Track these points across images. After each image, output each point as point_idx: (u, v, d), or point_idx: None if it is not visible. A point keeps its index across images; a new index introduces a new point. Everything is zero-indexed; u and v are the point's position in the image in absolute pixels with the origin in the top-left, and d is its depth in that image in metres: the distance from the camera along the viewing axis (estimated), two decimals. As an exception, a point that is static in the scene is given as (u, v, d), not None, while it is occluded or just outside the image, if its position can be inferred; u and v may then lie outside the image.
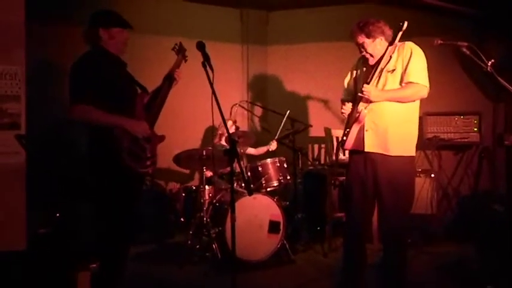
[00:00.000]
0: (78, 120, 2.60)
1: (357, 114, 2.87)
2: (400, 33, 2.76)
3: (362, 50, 2.92)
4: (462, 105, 4.84)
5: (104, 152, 2.60)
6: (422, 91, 2.82)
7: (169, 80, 2.93)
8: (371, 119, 2.88)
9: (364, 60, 3.02)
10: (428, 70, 2.86)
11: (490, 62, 2.52)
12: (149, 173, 2.82)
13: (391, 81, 2.86)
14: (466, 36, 2.92)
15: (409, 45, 2.86)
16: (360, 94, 2.83)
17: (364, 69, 3.02)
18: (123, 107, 2.66)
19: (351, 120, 2.92)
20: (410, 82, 2.80)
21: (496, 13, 4.49)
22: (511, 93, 2.49)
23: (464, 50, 2.59)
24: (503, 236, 3.69)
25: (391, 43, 2.81)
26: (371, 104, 2.85)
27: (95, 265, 2.40)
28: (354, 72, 3.14)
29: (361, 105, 2.86)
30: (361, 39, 2.87)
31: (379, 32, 2.85)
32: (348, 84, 3.18)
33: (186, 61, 3.07)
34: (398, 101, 2.84)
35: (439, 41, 2.72)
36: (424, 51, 2.86)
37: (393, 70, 2.85)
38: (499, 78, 2.50)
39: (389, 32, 2.87)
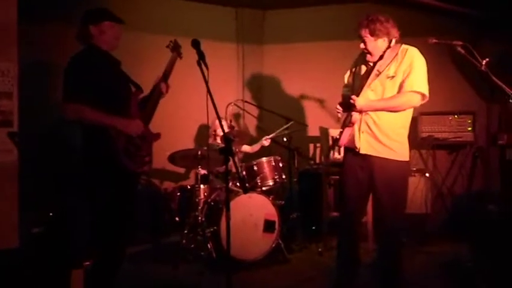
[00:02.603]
0: (72, 118, 2.58)
1: (349, 117, 2.87)
2: None
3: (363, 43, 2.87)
4: (456, 105, 4.85)
5: (100, 152, 2.59)
6: (414, 100, 2.78)
7: (165, 79, 2.91)
8: (366, 122, 2.87)
9: (364, 56, 2.96)
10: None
11: (484, 61, 2.52)
12: (145, 172, 2.80)
13: (390, 88, 2.82)
14: (461, 36, 2.91)
15: (412, 53, 2.81)
16: (350, 101, 2.81)
17: (363, 66, 3.00)
18: (118, 106, 2.65)
19: (345, 121, 2.93)
20: (410, 91, 2.77)
21: (491, 13, 4.51)
22: (505, 93, 2.50)
23: (459, 49, 2.59)
24: (497, 236, 3.71)
25: None
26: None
27: (88, 263, 2.38)
28: (354, 68, 3.10)
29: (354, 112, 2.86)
30: (365, 34, 2.81)
31: (384, 32, 2.78)
32: (348, 79, 3.17)
33: (181, 58, 3.05)
34: (390, 111, 2.81)
35: (434, 40, 2.71)
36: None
37: (393, 76, 2.81)
38: (493, 78, 2.51)
39: (395, 33, 2.80)
